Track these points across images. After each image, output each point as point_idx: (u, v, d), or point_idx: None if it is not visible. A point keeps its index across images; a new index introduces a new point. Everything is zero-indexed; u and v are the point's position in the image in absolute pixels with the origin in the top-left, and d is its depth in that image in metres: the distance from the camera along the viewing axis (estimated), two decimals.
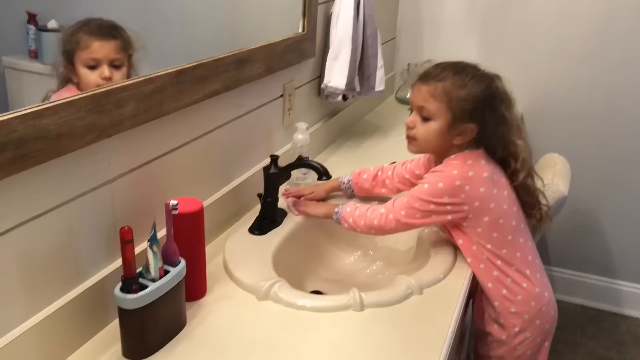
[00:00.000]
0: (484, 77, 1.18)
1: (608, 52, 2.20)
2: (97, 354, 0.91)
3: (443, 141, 1.18)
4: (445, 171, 1.16)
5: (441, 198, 1.14)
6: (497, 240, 1.18)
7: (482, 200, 1.15)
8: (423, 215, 1.16)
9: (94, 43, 0.87)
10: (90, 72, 0.87)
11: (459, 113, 1.15)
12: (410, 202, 1.17)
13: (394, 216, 1.18)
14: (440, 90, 1.16)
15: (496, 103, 1.18)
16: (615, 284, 2.49)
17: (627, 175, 2.34)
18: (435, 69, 1.20)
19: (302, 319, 1.02)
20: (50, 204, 0.85)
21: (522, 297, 1.20)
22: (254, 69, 1.32)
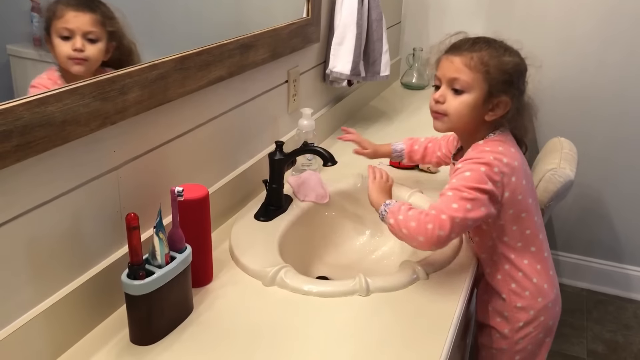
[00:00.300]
0: (516, 52, 1.15)
1: (616, 35, 2.18)
2: (105, 340, 0.92)
3: (476, 116, 1.13)
4: (482, 157, 1.09)
5: (486, 184, 1.06)
6: (515, 234, 1.15)
7: (512, 192, 1.10)
8: (474, 206, 1.05)
9: (68, 13, 0.85)
10: (63, 42, 0.84)
11: (495, 84, 1.10)
12: (457, 194, 1.05)
13: (447, 215, 1.03)
14: (476, 61, 1.10)
15: (525, 76, 1.15)
16: (622, 268, 2.49)
17: (633, 159, 2.32)
18: (466, 41, 1.15)
19: (308, 304, 1.02)
20: (56, 192, 0.85)
21: (530, 293, 1.18)
22: (259, 55, 1.31)
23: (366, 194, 1.21)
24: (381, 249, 1.40)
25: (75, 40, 0.85)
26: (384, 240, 1.41)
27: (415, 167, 1.60)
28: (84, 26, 0.86)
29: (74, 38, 0.85)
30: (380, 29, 1.82)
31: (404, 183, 1.45)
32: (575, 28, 2.22)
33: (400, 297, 1.05)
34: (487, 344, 1.27)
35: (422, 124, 1.97)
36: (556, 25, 2.24)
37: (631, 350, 2.20)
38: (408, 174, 1.57)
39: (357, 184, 1.45)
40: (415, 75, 2.43)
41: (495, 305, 1.22)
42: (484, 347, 1.29)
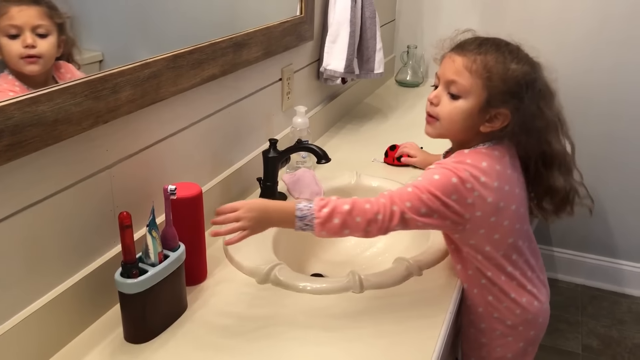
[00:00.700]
0: (528, 59, 1.04)
1: (610, 31, 2.18)
2: (99, 339, 0.92)
3: (470, 125, 1.03)
4: (458, 168, 0.99)
5: (449, 198, 0.97)
6: (489, 254, 1.06)
7: (485, 213, 1.01)
8: (427, 213, 0.97)
9: (12, 8, 0.78)
10: (11, 41, 0.78)
11: (495, 93, 1.00)
12: (416, 193, 0.97)
13: (398, 208, 0.96)
14: (478, 64, 1.00)
15: (537, 92, 1.02)
16: (616, 263, 2.50)
17: (627, 155, 2.33)
18: (474, 40, 1.04)
19: (302, 301, 1.03)
20: (49, 191, 0.85)
21: (507, 305, 1.12)
22: (252, 53, 1.32)
23: (360, 192, 1.20)
24: (375, 245, 1.40)
25: (24, 37, 0.79)
26: (378, 237, 1.41)
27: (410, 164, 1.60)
28: (31, 20, 0.80)
29: (23, 34, 0.79)
30: (374, 26, 1.82)
31: (399, 179, 1.45)
32: (569, 27, 2.23)
33: (393, 294, 1.06)
34: (467, 352, 1.26)
35: (417, 122, 1.97)
36: (550, 24, 2.24)
37: (626, 345, 2.21)
38: (403, 171, 1.57)
39: (352, 181, 1.45)
40: (409, 73, 2.43)
41: (472, 317, 1.17)
42: (465, 355, 1.28)
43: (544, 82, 1.05)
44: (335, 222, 0.95)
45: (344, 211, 0.95)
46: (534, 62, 1.05)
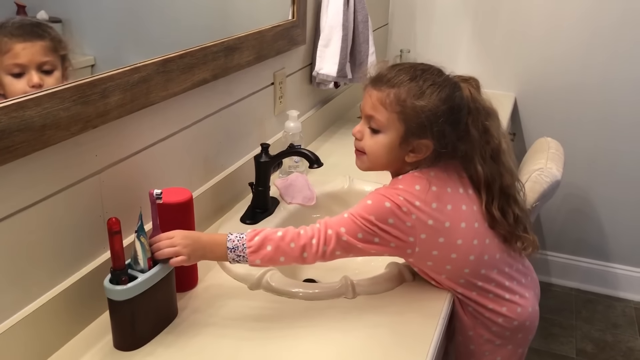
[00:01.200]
0: (446, 84, 1.01)
1: (601, 36, 2.19)
2: (88, 346, 0.91)
3: (394, 158, 1.03)
4: (391, 194, 0.99)
5: (384, 223, 0.97)
6: (452, 272, 1.05)
7: (430, 234, 1.00)
8: (365, 238, 0.97)
9: (16, 45, 0.74)
10: (16, 80, 0.74)
11: (412, 126, 0.99)
12: (351, 218, 0.98)
13: (333, 231, 0.96)
14: (392, 98, 0.99)
15: (459, 116, 1.01)
16: (610, 267, 2.50)
17: (620, 159, 2.34)
18: (390, 71, 1.03)
19: (294, 307, 1.02)
20: (37, 196, 0.84)
21: (489, 316, 1.11)
22: (243, 57, 1.31)
23: (354, 197, 1.19)
24: None
25: (30, 76, 0.75)
26: None
27: None
28: (36, 58, 0.76)
29: (28, 73, 0.75)
30: (367, 30, 1.82)
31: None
32: (560, 29, 2.23)
33: (386, 299, 1.05)
34: (456, 358, 1.26)
35: None
36: (542, 27, 2.25)
37: (620, 349, 2.21)
38: None
39: (344, 185, 1.45)
40: None
41: (459, 324, 1.16)
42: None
43: (470, 101, 1.03)
44: (268, 250, 0.95)
45: (276, 238, 0.96)
46: (454, 84, 1.02)
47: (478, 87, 1.07)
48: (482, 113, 1.05)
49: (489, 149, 1.06)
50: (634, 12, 2.13)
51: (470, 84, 1.06)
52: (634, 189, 2.35)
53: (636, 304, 2.47)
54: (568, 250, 2.54)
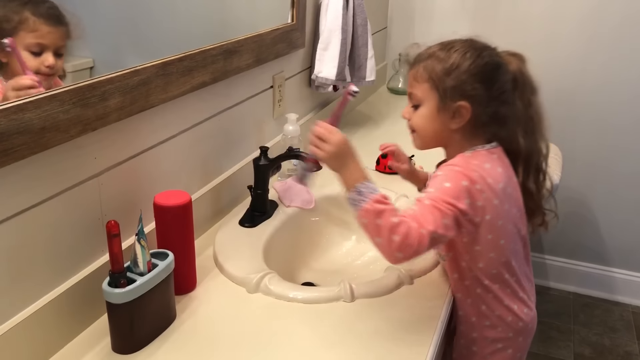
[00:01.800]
0: (473, 46, 1.04)
1: (600, 39, 2.20)
2: (87, 349, 0.91)
3: (439, 127, 1.04)
4: (466, 170, 0.99)
5: (462, 202, 0.96)
6: (492, 260, 1.06)
7: (493, 216, 1.00)
8: (452, 224, 0.95)
9: (42, 27, 0.79)
10: (32, 57, 0.79)
11: (444, 90, 1.01)
12: (434, 204, 0.94)
13: (426, 230, 0.91)
14: (422, 71, 1.04)
15: (491, 74, 1.02)
16: (608, 271, 2.50)
17: (618, 163, 2.34)
18: (424, 50, 1.07)
19: (293, 311, 1.02)
20: (36, 199, 0.84)
21: (500, 313, 1.12)
22: (243, 60, 1.31)
23: None
24: (367, 254, 1.39)
25: (47, 56, 0.81)
26: (370, 246, 1.40)
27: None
28: (57, 41, 0.82)
29: (45, 53, 0.80)
30: (366, 34, 1.83)
31: (390, 187, 1.45)
32: (559, 32, 2.24)
33: (385, 303, 1.05)
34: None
35: (408, 130, 1.98)
36: (540, 30, 2.26)
37: (617, 353, 2.22)
38: (393, 178, 1.57)
39: (343, 189, 1.44)
40: (401, 80, 2.44)
41: (463, 327, 1.17)
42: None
43: (500, 64, 1.05)
44: (377, 222, 0.91)
45: (390, 223, 0.91)
46: (482, 47, 1.04)
47: (525, 62, 1.09)
48: (527, 87, 1.08)
49: (532, 124, 1.09)
50: (632, 17, 2.14)
51: (518, 59, 1.09)
52: (632, 193, 2.36)
53: (634, 308, 2.47)
54: (566, 254, 2.54)
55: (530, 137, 1.09)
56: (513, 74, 1.06)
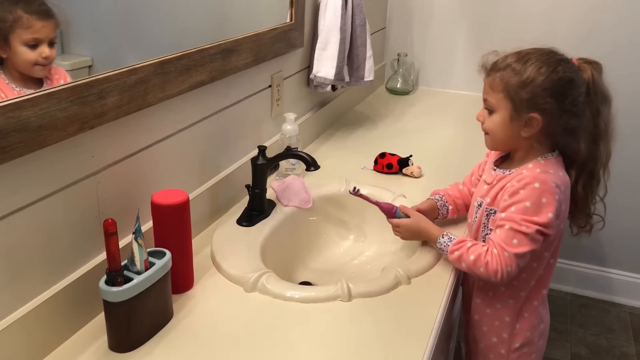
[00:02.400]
0: (549, 60, 1.09)
1: (596, 43, 2.20)
2: (84, 347, 0.91)
3: (510, 133, 1.11)
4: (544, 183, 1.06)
5: (546, 217, 1.06)
6: (544, 259, 1.17)
7: (562, 219, 1.11)
8: (532, 240, 1.06)
9: (36, 23, 0.85)
10: (30, 50, 0.85)
11: (518, 102, 1.08)
12: (514, 227, 1.06)
13: (510, 252, 1.06)
14: (498, 81, 1.10)
15: (564, 89, 1.07)
16: (605, 272, 2.51)
17: (616, 164, 2.33)
18: (500, 58, 1.14)
19: (290, 310, 1.02)
20: (33, 197, 0.84)
21: (530, 314, 1.21)
22: (241, 59, 1.31)
23: (350, 200, 1.23)
24: (364, 254, 1.40)
25: (42, 48, 0.86)
26: (368, 245, 1.41)
27: (398, 171, 1.59)
28: (50, 34, 0.87)
29: (41, 46, 0.86)
30: (364, 34, 1.83)
31: (388, 187, 1.45)
32: (556, 36, 2.24)
33: (382, 302, 1.05)
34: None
35: (406, 130, 1.99)
36: (538, 33, 2.26)
37: (614, 353, 2.22)
38: (391, 178, 1.57)
39: (341, 188, 1.45)
40: (399, 81, 2.44)
41: (493, 327, 1.22)
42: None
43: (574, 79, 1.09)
44: (463, 266, 1.11)
45: (469, 261, 1.10)
46: (557, 61, 1.09)
47: (600, 71, 1.14)
48: (599, 96, 1.13)
49: (596, 132, 1.14)
50: (629, 18, 2.14)
51: (593, 67, 1.14)
52: (630, 194, 2.36)
53: (630, 308, 2.47)
54: (563, 254, 2.54)
55: (593, 145, 1.15)
56: (586, 81, 1.11)
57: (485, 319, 1.23)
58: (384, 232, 1.31)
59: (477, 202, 1.20)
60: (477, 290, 1.23)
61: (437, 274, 1.15)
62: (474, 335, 1.27)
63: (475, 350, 1.28)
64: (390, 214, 1.23)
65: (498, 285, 1.18)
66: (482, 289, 1.22)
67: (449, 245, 1.13)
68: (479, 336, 1.26)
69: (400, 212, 1.23)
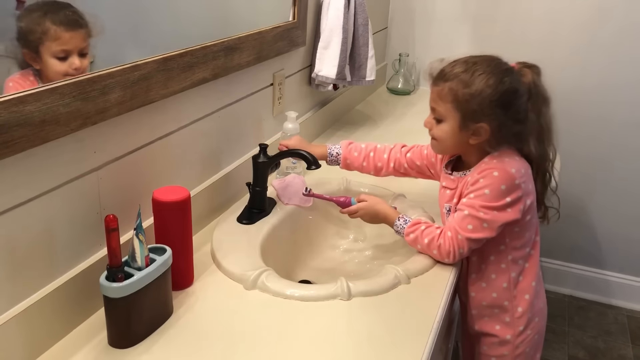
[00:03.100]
0: (495, 71, 1.11)
1: (599, 45, 2.20)
2: (83, 343, 0.91)
3: (458, 141, 1.15)
4: (502, 171, 1.11)
5: (504, 201, 1.11)
6: (527, 239, 1.20)
7: (532, 199, 1.16)
8: (490, 225, 1.12)
9: (64, 34, 0.84)
10: (60, 62, 0.84)
11: (466, 113, 1.11)
12: (472, 213, 1.11)
13: (463, 235, 1.12)
14: (446, 91, 1.12)
15: (510, 100, 1.11)
16: (603, 274, 2.51)
17: (615, 167, 2.35)
18: (447, 67, 1.15)
19: (289, 308, 1.02)
20: (35, 192, 0.84)
21: (530, 296, 1.22)
22: (243, 57, 1.31)
23: None
24: (364, 253, 1.40)
25: (73, 60, 0.85)
26: (367, 245, 1.41)
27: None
28: (79, 44, 0.86)
29: (71, 57, 0.85)
30: (367, 33, 1.83)
31: (388, 187, 1.45)
32: (558, 36, 2.25)
33: (381, 301, 1.05)
34: (486, 352, 1.28)
35: (407, 130, 1.99)
36: (540, 33, 2.26)
37: (611, 356, 2.22)
38: (391, 178, 1.57)
39: (341, 187, 1.45)
40: (401, 81, 2.44)
41: (495, 313, 1.23)
42: (482, 356, 1.29)
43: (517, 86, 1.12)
44: (418, 247, 1.17)
45: (424, 244, 1.15)
46: (503, 71, 1.12)
47: (539, 74, 1.18)
48: (540, 98, 1.16)
49: (542, 132, 1.18)
50: (632, 20, 2.14)
51: (533, 71, 1.17)
52: (629, 197, 2.36)
53: (628, 311, 2.48)
54: (562, 256, 2.55)
55: (541, 144, 1.19)
56: (527, 85, 1.14)
57: (483, 304, 1.25)
58: (384, 232, 1.31)
59: (445, 209, 1.23)
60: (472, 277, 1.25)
61: (436, 273, 1.15)
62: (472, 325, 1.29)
63: (479, 340, 1.29)
64: (346, 205, 1.27)
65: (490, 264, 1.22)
66: (476, 276, 1.24)
67: (404, 228, 1.18)
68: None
69: (355, 200, 1.27)
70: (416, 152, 1.36)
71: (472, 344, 1.33)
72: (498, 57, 1.15)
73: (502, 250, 1.19)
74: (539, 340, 1.28)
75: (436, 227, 1.16)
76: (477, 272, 1.22)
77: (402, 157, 1.36)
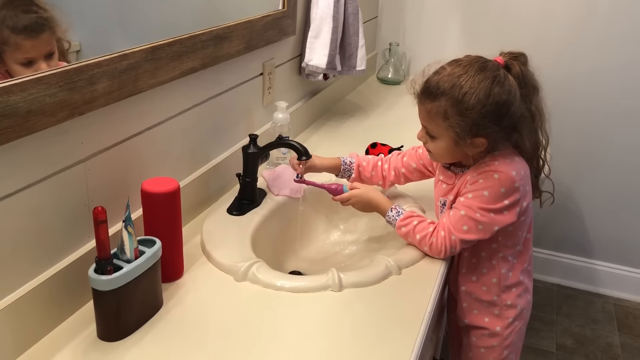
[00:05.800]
0: (483, 83, 1.06)
1: (589, 38, 2.20)
2: (72, 336, 0.90)
3: (456, 155, 1.14)
4: (502, 173, 1.09)
5: (502, 204, 1.09)
6: (519, 238, 1.20)
7: (528, 201, 1.16)
8: (485, 228, 1.11)
9: (25, 43, 0.81)
10: (25, 69, 0.81)
11: (460, 131, 1.08)
12: (469, 214, 1.10)
13: (457, 236, 1.11)
14: (435, 111, 1.09)
15: (501, 111, 1.07)
16: (591, 263, 2.53)
17: (603, 157, 2.36)
18: (431, 82, 1.10)
19: (280, 299, 1.02)
20: (21, 184, 0.83)
21: (517, 289, 1.23)
22: (233, 46, 1.30)
23: None
24: (355, 244, 1.40)
25: (38, 65, 0.82)
26: (358, 236, 1.41)
27: None
28: (44, 50, 0.83)
29: (37, 63, 0.82)
30: (357, 22, 1.81)
31: None
32: (550, 25, 2.24)
33: (373, 292, 1.05)
34: (475, 343, 1.28)
35: (398, 120, 1.98)
36: (531, 22, 2.26)
37: (599, 344, 2.25)
38: None
39: (331, 178, 1.44)
40: (391, 70, 2.43)
41: (485, 306, 1.24)
42: (472, 347, 1.29)
43: (509, 90, 1.08)
44: (409, 241, 1.17)
45: (415, 240, 1.15)
46: (491, 81, 1.06)
47: (526, 63, 1.15)
48: (529, 87, 1.14)
49: (534, 121, 1.17)
50: (620, 8, 2.15)
51: (519, 61, 1.14)
52: (617, 186, 2.38)
53: (615, 300, 2.50)
54: (550, 246, 2.57)
55: (534, 134, 1.17)
56: (516, 77, 1.11)
57: (473, 297, 1.25)
58: (375, 223, 1.31)
59: (440, 202, 1.22)
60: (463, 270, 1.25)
61: (427, 264, 1.15)
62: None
63: (468, 332, 1.30)
64: (338, 192, 1.26)
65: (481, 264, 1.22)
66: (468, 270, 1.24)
67: (396, 220, 1.17)
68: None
69: (347, 188, 1.26)
70: (411, 154, 1.33)
71: (461, 335, 1.33)
72: (483, 60, 1.10)
73: (494, 248, 1.19)
74: (524, 329, 1.30)
75: (429, 223, 1.15)
76: (468, 266, 1.22)
77: (398, 163, 1.33)
